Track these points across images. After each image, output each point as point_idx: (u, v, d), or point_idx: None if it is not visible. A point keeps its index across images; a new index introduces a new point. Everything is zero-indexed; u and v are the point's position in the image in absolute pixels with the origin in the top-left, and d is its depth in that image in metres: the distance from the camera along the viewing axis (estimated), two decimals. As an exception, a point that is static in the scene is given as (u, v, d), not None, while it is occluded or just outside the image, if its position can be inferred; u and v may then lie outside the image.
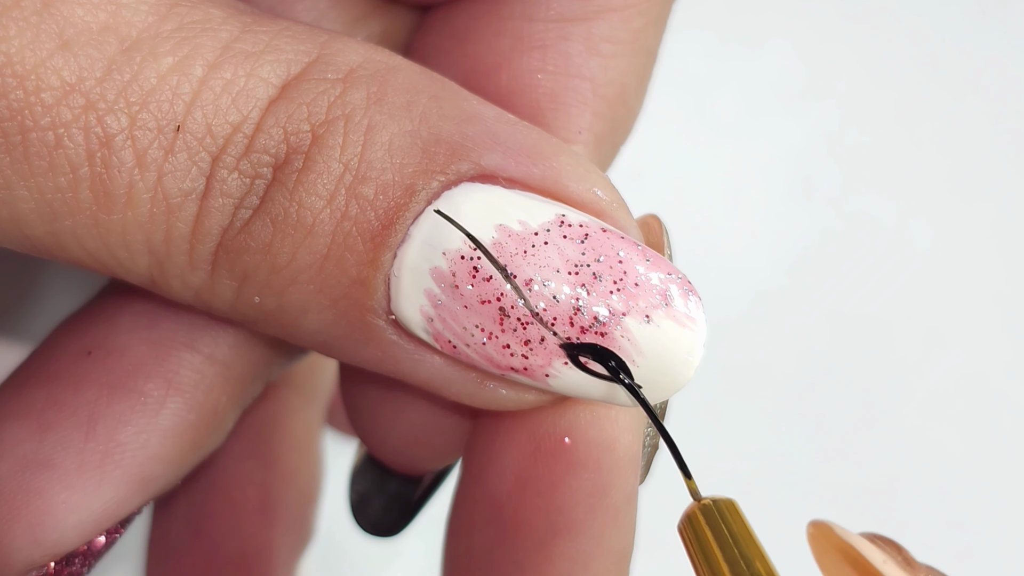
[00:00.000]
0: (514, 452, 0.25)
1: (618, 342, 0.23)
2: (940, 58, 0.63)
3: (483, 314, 0.23)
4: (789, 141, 0.61)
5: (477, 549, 0.26)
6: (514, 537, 0.25)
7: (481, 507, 0.26)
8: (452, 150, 0.23)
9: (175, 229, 0.23)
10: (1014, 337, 0.59)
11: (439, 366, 0.24)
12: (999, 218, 0.61)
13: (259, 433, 0.38)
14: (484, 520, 0.25)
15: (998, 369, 0.58)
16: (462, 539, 0.26)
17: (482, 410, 0.26)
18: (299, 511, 0.38)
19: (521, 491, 0.25)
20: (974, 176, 0.62)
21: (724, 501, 0.23)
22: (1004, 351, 0.58)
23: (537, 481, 0.25)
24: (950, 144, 0.62)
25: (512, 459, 0.25)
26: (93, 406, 0.26)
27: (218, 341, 0.27)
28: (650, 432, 0.27)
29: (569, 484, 0.24)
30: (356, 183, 0.23)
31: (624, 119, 0.28)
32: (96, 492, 0.25)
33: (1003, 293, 0.59)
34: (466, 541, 0.26)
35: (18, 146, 0.22)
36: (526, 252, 0.23)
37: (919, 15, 0.63)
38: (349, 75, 0.24)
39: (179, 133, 0.23)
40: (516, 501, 0.25)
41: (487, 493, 0.25)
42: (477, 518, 0.26)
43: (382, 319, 0.24)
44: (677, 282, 0.23)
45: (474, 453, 0.26)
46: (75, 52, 0.22)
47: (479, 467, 0.26)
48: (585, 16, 0.27)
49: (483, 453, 0.26)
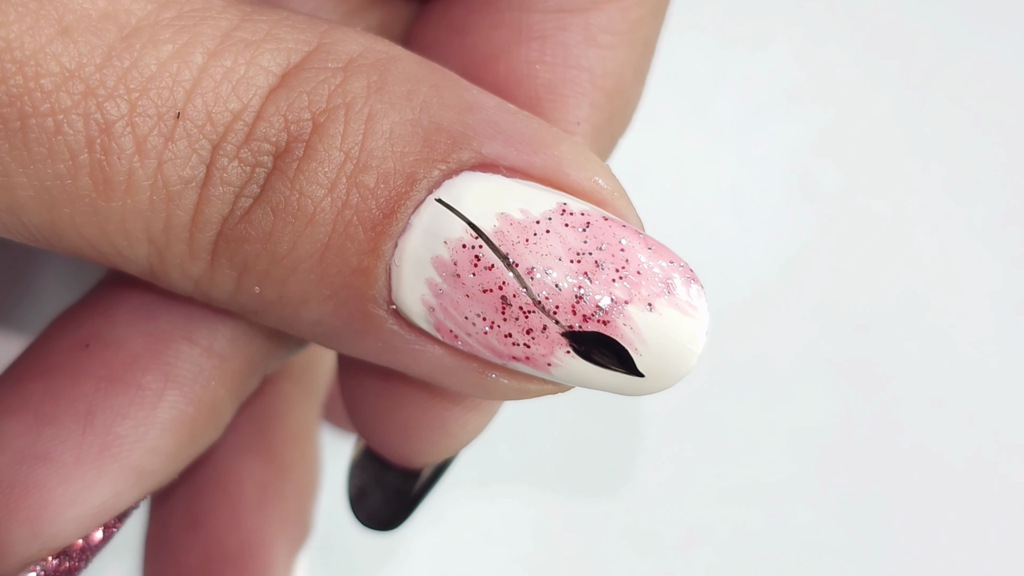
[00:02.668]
0: None
1: (620, 330, 0.23)
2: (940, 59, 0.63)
3: (485, 303, 0.23)
4: (789, 141, 0.61)
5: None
6: None
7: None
8: (453, 139, 0.23)
9: (175, 217, 0.23)
10: (1014, 337, 0.59)
11: (440, 356, 0.24)
12: (999, 218, 0.61)
13: (257, 427, 0.37)
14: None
15: (998, 368, 0.58)
16: None
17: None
18: (297, 505, 0.38)
19: None
20: (974, 176, 0.62)
21: None
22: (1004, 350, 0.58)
23: None
24: (950, 144, 0.62)
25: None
26: (91, 399, 0.25)
27: (216, 334, 0.27)
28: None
29: None
30: (357, 172, 0.23)
31: (622, 110, 0.28)
32: (94, 485, 0.25)
33: (1003, 293, 0.59)
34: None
35: (17, 132, 0.22)
36: (528, 240, 0.23)
37: (919, 17, 0.64)
38: (349, 64, 0.24)
39: (179, 120, 0.23)
40: None
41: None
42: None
43: (383, 309, 0.23)
44: (679, 270, 0.23)
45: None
46: (74, 38, 0.22)
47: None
48: (583, 7, 0.27)
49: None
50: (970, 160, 0.62)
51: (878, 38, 0.63)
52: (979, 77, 0.63)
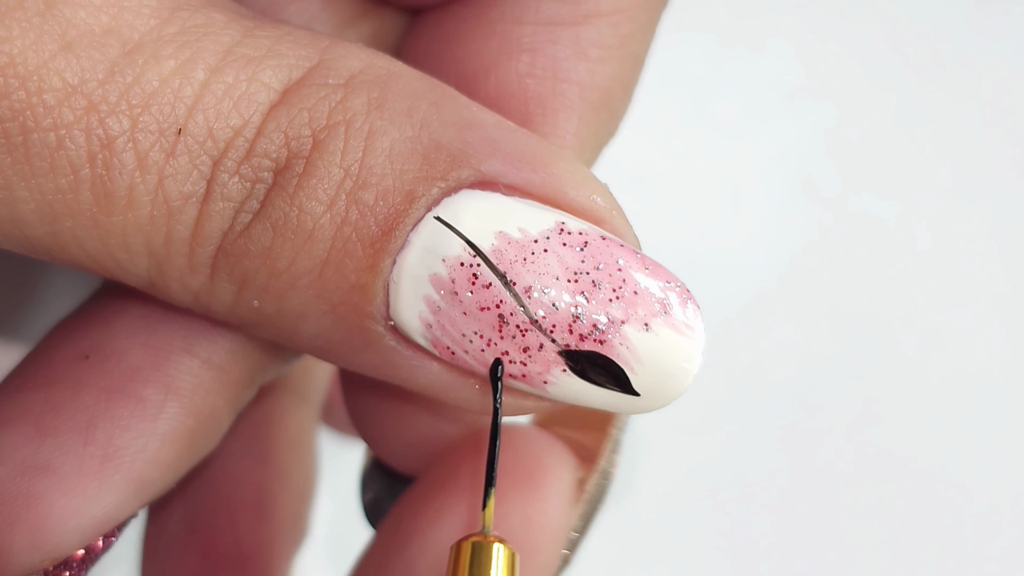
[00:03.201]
0: (441, 534, 0.25)
1: (617, 350, 0.23)
2: (940, 58, 0.63)
3: (482, 321, 0.23)
4: (789, 141, 0.61)
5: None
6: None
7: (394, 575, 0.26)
8: (452, 157, 0.23)
9: (175, 232, 0.23)
10: (1014, 337, 0.59)
11: (437, 372, 0.24)
12: (999, 218, 0.61)
13: (254, 432, 0.38)
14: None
15: (998, 369, 0.58)
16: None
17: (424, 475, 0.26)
18: (294, 509, 0.38)
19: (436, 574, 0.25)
20: (974, 176, 0.62)
21: (507, 549, 0.22)
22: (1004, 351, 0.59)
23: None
24: (950, 144, 0.62)
25: (438, 540, 0.25)
26: (91, 411, 0.26)
27: (215, 345, 0.27)
28: (576, 531, 0.26)
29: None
30: (356, 189, 0.23)
31: (608, 123, 0.28)
32: (95, 496, 0.25)
33: (1003, 293, 0.59)
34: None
35: (20, 147, 0.22)
36: (525, 259, 0.23)
37: (919, 16, 0.63)
38: (350, 81, 0.24)
39: (180, 136, 0.23)
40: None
41: (404, 563, 0.25)
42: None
43: (381, 325, 0.24)
44: (676, 290, 0.23)
45: (404, 515, 0.27)
46: (77, 54, 0.22)
47: (402, 538, 0.26)
48: (574, 20, 0.27)
49: (409, 523, 0.26)
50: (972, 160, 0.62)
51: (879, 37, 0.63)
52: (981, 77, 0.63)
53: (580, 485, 0.26)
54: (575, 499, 0.26)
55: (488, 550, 0.22)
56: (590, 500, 0.26)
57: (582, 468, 0.26)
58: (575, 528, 0.26)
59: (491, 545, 0.22)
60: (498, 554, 0.22)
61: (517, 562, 0.22)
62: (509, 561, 0.22)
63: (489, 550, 0.22)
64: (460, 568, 0.22)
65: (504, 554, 0.22)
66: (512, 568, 0.22)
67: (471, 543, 0.22)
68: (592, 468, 0.26)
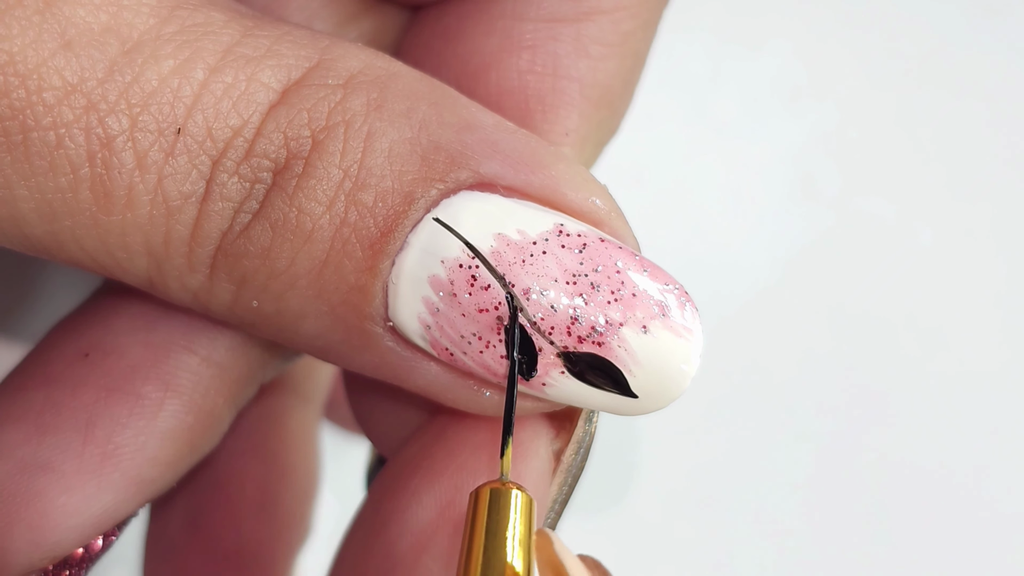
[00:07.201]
0: (420, 515, 0.25)
1: (615, 352, 0.23)
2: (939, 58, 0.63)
3: (480, 323, 0.23)
4: (789, 141, 0.61)
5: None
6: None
7: (376, 559, 0.26)
8: (451, 158, 0.23)
9: (174, 231, 0.23)
10: (1014, 336, 0.59)
11: (436, 373, 0.24)
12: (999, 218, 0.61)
13: (256, 430, 0.38)
14: (376, 570, 0.26)
15: (998, 368, 0.58)
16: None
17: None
18: (296, 507, 0.38)
19: (417, 555, 0.25)
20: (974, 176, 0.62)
21: (524, 496, 0.22)
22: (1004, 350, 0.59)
23: (435, 549, 0.25)
24: (950, 144, 0.62)
25: (417, 521, 0.25)
26: (91, 409, 0.26)
27: (215, 343, 0.27)
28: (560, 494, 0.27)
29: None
30: (356, 190, 0.23)
31: (609, 121, 0.28)
32: (95, 495, 0.25)
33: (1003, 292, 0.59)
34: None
35: (19, 145, 0.22)
36: (524, 261, 0.23)
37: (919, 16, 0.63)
38: (350, 81, 0.24)
39: (180, 136, 0.23)
40: (411, 563, 0.25)
41: (384, 546, 0.25)
42: (371, 568, 0.26)
43: (380, 326, 0.24)
44: (674, 293, 0.23)
45: (382, 495, 0.26)
46: (77, 52, 0.22)
47: (383, 515, 0.26)
48: (575, 17, 0.27)
49: (390, 500, 0.26)
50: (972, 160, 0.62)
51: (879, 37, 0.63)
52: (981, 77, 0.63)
53: (556, 456, 0.26)
54: (552, 470, 0.26)
55: (507, 496, 0.22)
56: (567, 470, 0.26)
57: (558, 439, 0.26)
58: (554, 498, 0.26)
59: (509, 491, 0.22)
60: (516, 500, 0.22)
61: (535, 508, 0.22)
62: (527, 507, 0.22)
63: (508, 496, 0.22)
64: (479, 514, 0.22)
65: (522, 500, 0.22)
66: (530, 514, 0.22)
67: (489, 489, 0.22)
68: (567, 439, 0.26)
